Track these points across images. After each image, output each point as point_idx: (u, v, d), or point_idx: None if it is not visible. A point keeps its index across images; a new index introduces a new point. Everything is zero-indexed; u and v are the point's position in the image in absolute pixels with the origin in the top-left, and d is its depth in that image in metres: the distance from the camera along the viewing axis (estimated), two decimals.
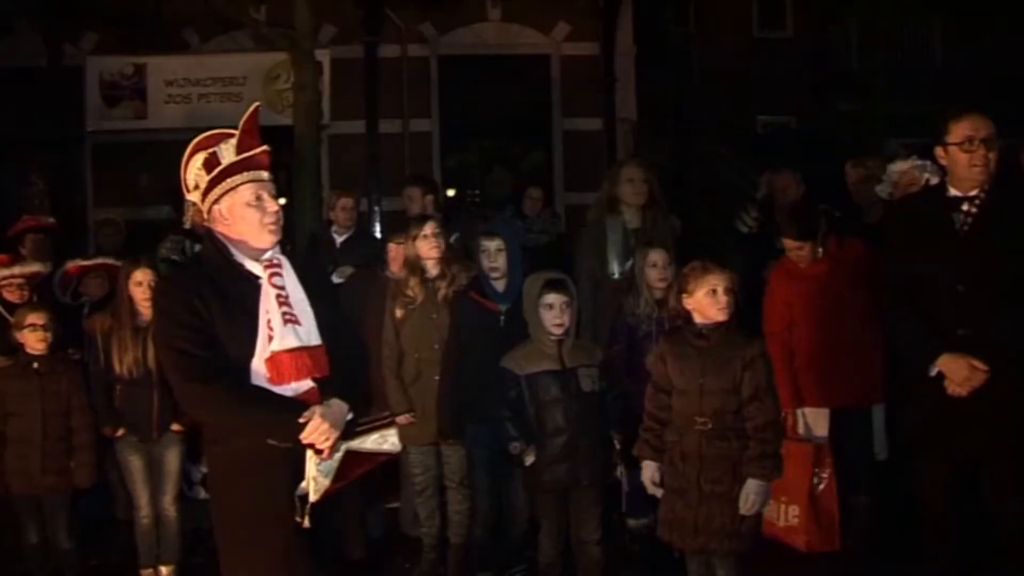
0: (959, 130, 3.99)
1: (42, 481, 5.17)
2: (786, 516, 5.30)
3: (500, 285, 5.03)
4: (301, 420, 3.10)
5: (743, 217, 6.98)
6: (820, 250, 5.35)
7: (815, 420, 5.41)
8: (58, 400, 5.22)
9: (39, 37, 12.05)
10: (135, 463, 5.33)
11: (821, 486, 5.29)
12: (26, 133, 12.13)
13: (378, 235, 10.75)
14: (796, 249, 5.34)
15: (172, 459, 5.37)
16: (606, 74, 13.10)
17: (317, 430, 3.10)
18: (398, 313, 5.36)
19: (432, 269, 5.31)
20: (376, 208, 11.95)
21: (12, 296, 5.86)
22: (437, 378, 5.20)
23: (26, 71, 11.98)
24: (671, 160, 12.34)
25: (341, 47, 12.20)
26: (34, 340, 5.22)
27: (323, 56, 10.93)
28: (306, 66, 9.47)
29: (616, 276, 5.82)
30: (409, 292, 5.34)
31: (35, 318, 5.24)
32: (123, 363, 5.27)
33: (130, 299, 5.29)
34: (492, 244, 5.03)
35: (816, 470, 5.29)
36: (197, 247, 6.56)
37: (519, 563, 5.07)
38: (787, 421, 5.09)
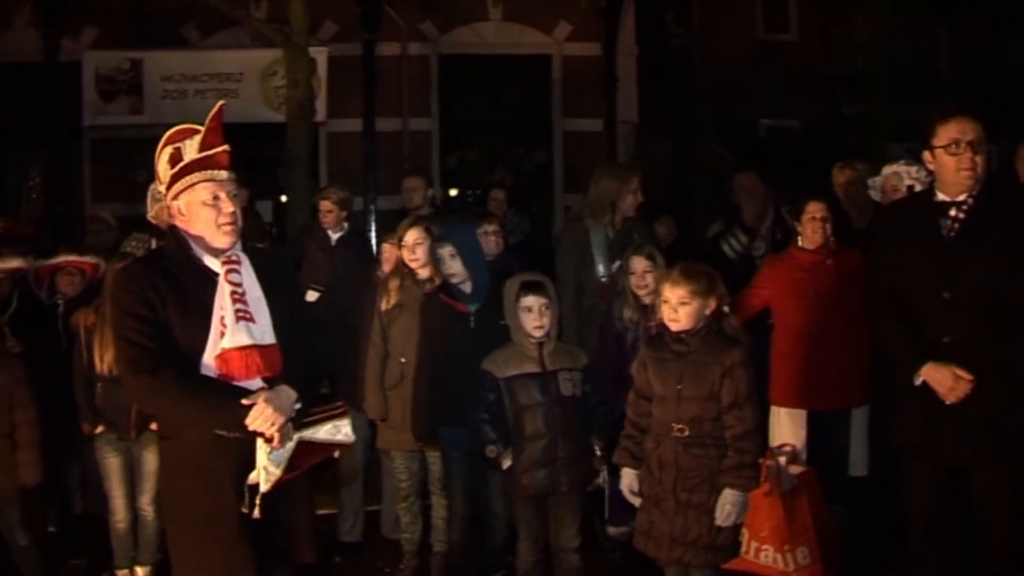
0: (946, 133, 3.87)
1: None
2: (795, 560, 4.94)
3: (467, 287, 4.95)
4: (244, 402, 3.09)
5: (731, 241, 6.89)
6: (832, 239, 5.34)
7: (788, 422, 5.34)
8: (2, 395, 5.01)
9: (37, 32, 11.99)
10: (113, 462, 5.27)
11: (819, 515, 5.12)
12: (23, 128, 12.09)
13: (373, 235, 10.71)
14: (817, 217, 5.31)
15: (150, 459, 5.29)
16: (607, 75, 12.99)
17: (262, 415, 3.08)
18: (382, 308, 5.30)
19: (421, 272, 5.24)
20: (372, 207, 11.87)
21: None
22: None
23: (24, 67, 11.94)
24: (672, 163, 12.23)
25: (341, 44, 12.13)
26: None
27: (319, 53, 10.87)
28: (300, 63, 9.41)
29: (604, 279, 5.74)
30: (391, 293, 5.28)
31: None
32: (104, 360, 5.21)
33: None
34: (445, 251, 4.95)
35: (810, 498, 5.11)
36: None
37: (499, 569, 4.98)
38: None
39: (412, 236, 5.22)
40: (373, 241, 9.28)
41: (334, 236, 7.19)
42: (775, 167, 7.35)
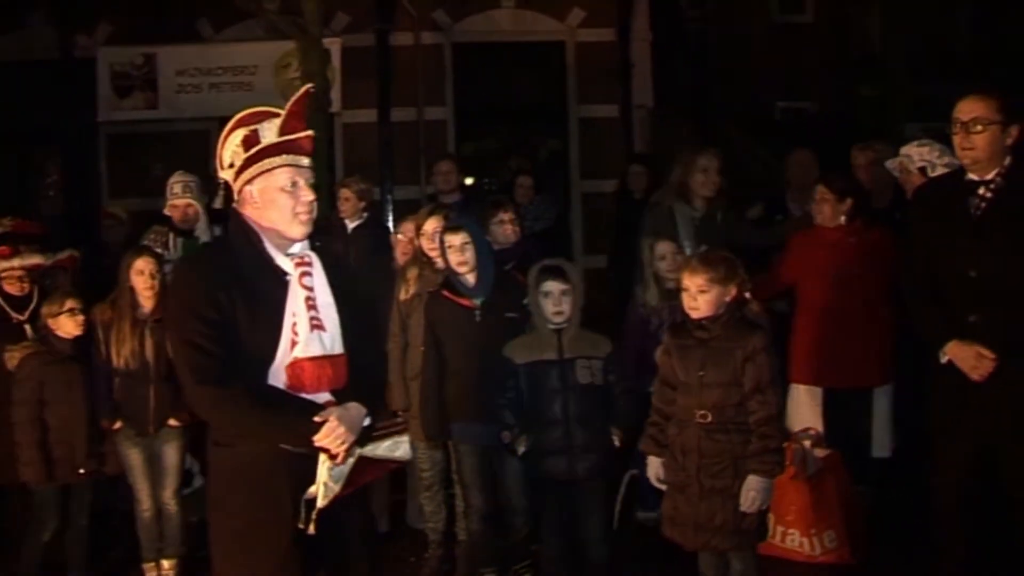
0: (953, 114, 3.93)
1: (84, 468, 5.17)
2: (822, 544, 5.00)
3: (470, 279, 4.86)
4: (316, 419, 2.97)
5: (749, 211, 6.94)
6: (843, 219, 5.31)
7: (807, 400, 5.31)
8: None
9: (52, 30, 12.03)
10: (134, 457, 5.27)
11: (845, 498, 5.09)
12: (40, 125, 12.15)
13: (390, 224, 10.69)
14: (821, 200, 5.33)
15: (172, 454, 5.31)
16: (622, 60, 12.93)
17: (333, 433, 2.97)
18: (400, 297, 5.29)
19: (440, 261, 5.19)
20: (388, 196, 11.86)
21: (12, 288, 5.78)
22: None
23: (40, 64, 12.00)
24: (688, 147, 12.16)
25: (354, 35, 12.12)
26: (73, 325, 5.20)
27: (333, 44, 10.86)
28: (313, 54, 9.38)
29: None
30: (409, 282, 5.26)
31: (73, 303, 5.22)
32: (121, 355, 5.20)
33: (131, 289, 5.22)
34: (457, 238, 4.81)
35: (835, 481, 5.08)
36: (180, 240, 6.53)
37: (524, 559, 4.97)
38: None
39: (432, 225, 5.18)
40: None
41: (351, 225, 7.18)
42: (790, 149, 7.33)
